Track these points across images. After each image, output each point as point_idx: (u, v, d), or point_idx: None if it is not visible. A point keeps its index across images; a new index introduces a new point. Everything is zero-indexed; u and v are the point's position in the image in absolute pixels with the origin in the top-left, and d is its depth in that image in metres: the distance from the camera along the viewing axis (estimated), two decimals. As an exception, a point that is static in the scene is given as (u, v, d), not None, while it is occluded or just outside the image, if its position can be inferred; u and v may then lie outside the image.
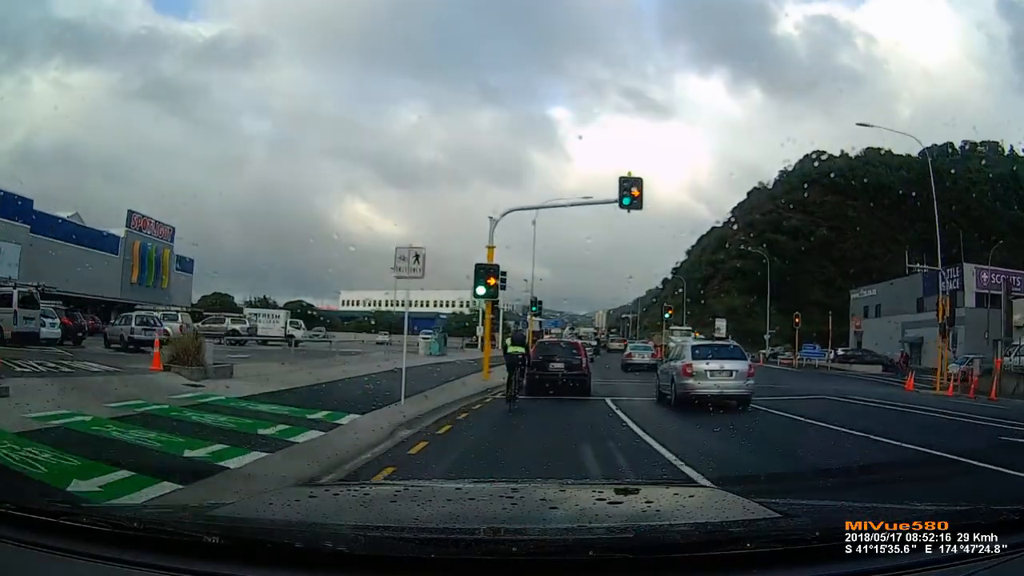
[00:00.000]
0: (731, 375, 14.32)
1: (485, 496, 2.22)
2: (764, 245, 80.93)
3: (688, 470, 7.10)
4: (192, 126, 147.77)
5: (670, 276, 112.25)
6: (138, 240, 52.39)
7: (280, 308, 54.01)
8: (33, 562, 1.49)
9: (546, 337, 34.01)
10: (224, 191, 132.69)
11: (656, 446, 8.95)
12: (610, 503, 1.97)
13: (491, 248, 21.47)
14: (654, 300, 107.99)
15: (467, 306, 67.88)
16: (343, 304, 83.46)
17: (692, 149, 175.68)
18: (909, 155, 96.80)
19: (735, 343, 19.23)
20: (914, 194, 79.45)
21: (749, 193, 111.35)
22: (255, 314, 44.17)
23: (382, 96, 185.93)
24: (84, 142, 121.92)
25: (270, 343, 38.31)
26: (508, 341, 15.41)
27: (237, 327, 38.35)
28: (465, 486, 2.56)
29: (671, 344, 26.79)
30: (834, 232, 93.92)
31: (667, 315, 53.46)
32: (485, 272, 20.28)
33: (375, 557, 1.40)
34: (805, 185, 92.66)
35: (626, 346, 42.28)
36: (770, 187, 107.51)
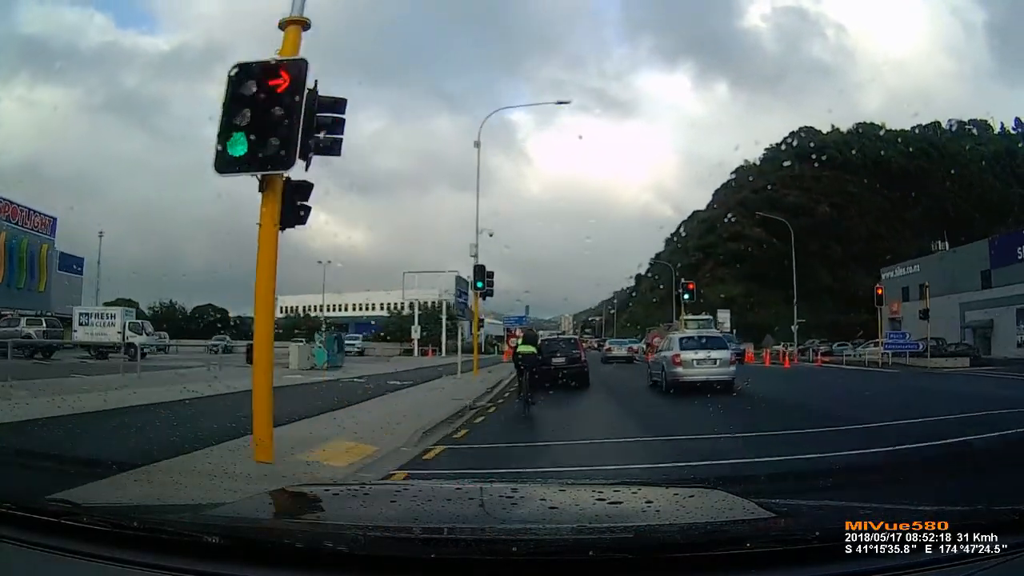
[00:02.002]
0: (715, 363, 15.90)
1: (485, 496, 2.22)
2: (766, 240, 76.23)
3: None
4: (140, 133, 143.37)
5: (647, 269, 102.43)
6: (3, 232, 42.35)
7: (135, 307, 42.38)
8: (34, 562, 1.49)
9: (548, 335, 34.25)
10: (151, 194, 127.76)
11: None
12: (610, 503, 1.97)
13: (295, 26, 6.67)
14: (657, 297, 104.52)
15: (404, 307, 59.31)
16: (281, 310, 77.86)
17: (657, 148, 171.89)
18: (904, 130, 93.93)
19: (719, 333, 20.50)
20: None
21: (734, 173, 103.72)
22: (84, 315, 32.87)
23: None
24: (49, 156, 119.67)
25: (108, 352, 28.74)
26: (519, 341, 15.34)
27: (32, 331, 29.33)
28: (465, 486, 2.56)
29: None
30: (835, 209, 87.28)
31: (685, 295, 36.85)
32: (254, 94, 6.15)
33: (375, 557, 1.40)
34: (812, 157, 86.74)
35: (603, 344, 49.25)
36: (758, 164, 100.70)
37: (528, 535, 1.55)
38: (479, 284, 23.08)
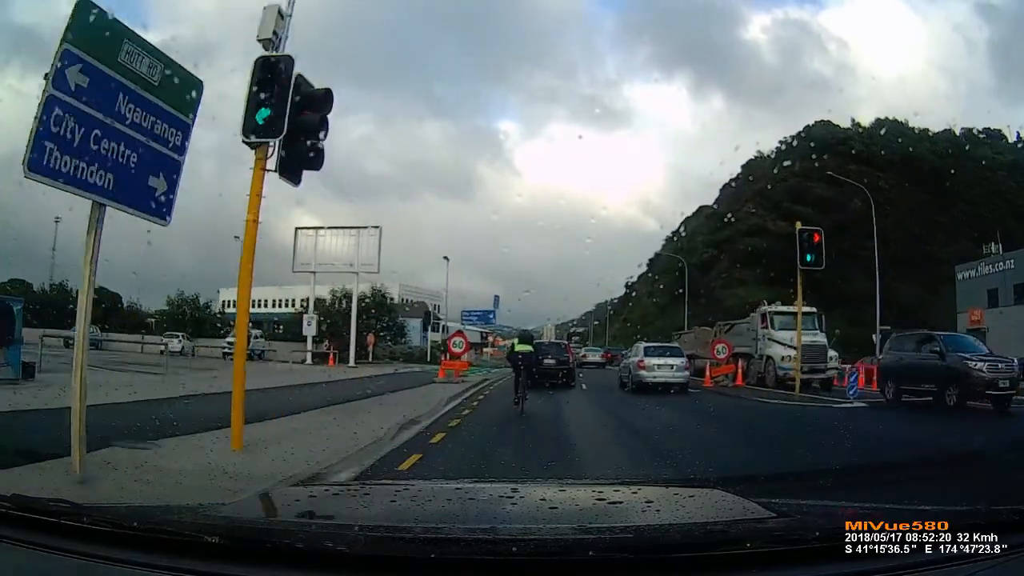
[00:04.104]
0: (672, 368, 18.30)
1: (485, 496, 2.22)
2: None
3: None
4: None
5: (645, 271, 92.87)
6: None
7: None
8: (33, 562, 1.49)
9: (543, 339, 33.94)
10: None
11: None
12: (610, 503, 1.97)
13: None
14: (664, 299, 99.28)
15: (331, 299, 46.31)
16: (224, 304, 69.00)
17: (646, 160, 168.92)
18: (928, 130, 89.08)
19: (676, 343, 22.81)
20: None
21: (744, 166, 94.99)
22: None
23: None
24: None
25: None
26: (515, 340, 15.28)
27: None
28: (465, 486, 2.56)
29: (765, 345, 22.37)
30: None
31: (808, 255, 19.98)
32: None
33: (375, 557, 1.40)
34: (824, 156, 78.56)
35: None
36: (772, 157, 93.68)
37: (528, 535, 1.54)
38: (262, 112, 6.89)
